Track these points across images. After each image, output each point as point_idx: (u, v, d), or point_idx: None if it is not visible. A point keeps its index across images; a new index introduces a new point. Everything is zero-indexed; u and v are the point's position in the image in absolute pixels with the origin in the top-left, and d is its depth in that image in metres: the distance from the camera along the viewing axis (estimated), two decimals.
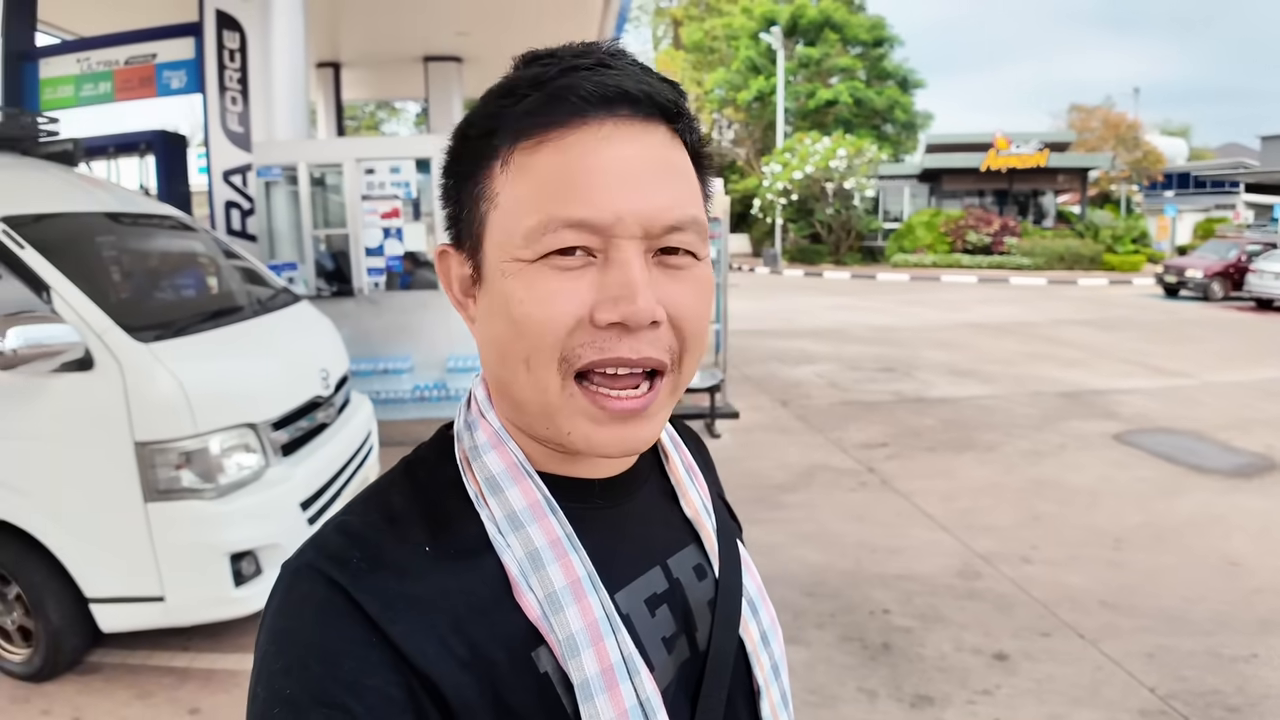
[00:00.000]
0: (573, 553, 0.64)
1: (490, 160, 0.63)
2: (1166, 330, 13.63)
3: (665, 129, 0.63)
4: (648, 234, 0.59)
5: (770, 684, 0.77)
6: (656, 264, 0.61)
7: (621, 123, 0.60)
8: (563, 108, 0.59)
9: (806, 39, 35.32)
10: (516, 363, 0.62)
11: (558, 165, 0.59)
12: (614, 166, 0.59)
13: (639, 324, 0.58)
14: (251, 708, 0.57)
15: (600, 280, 0.59)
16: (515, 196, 0.61)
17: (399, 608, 0.59)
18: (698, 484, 0.81)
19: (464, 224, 0.66)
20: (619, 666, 0.62)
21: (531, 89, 0.60)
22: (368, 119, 40.48)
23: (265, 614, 0.61)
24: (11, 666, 3.37)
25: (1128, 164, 32.57)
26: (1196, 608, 3.94)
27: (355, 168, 6.20)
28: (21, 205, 3.42)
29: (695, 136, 0.66)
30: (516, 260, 0.60)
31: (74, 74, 7.37)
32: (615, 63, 0.62)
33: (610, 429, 0.62)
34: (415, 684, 0.57)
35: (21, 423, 3.14)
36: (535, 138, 0.60)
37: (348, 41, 12.51)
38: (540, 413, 0.63)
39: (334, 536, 0.63)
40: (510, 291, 0.61)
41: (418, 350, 6.52)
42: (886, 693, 3.29)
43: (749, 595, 0.78)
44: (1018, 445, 6.72)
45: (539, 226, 0.59)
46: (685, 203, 0.62)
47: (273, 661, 0.58)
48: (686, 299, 0.62)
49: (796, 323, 14.61)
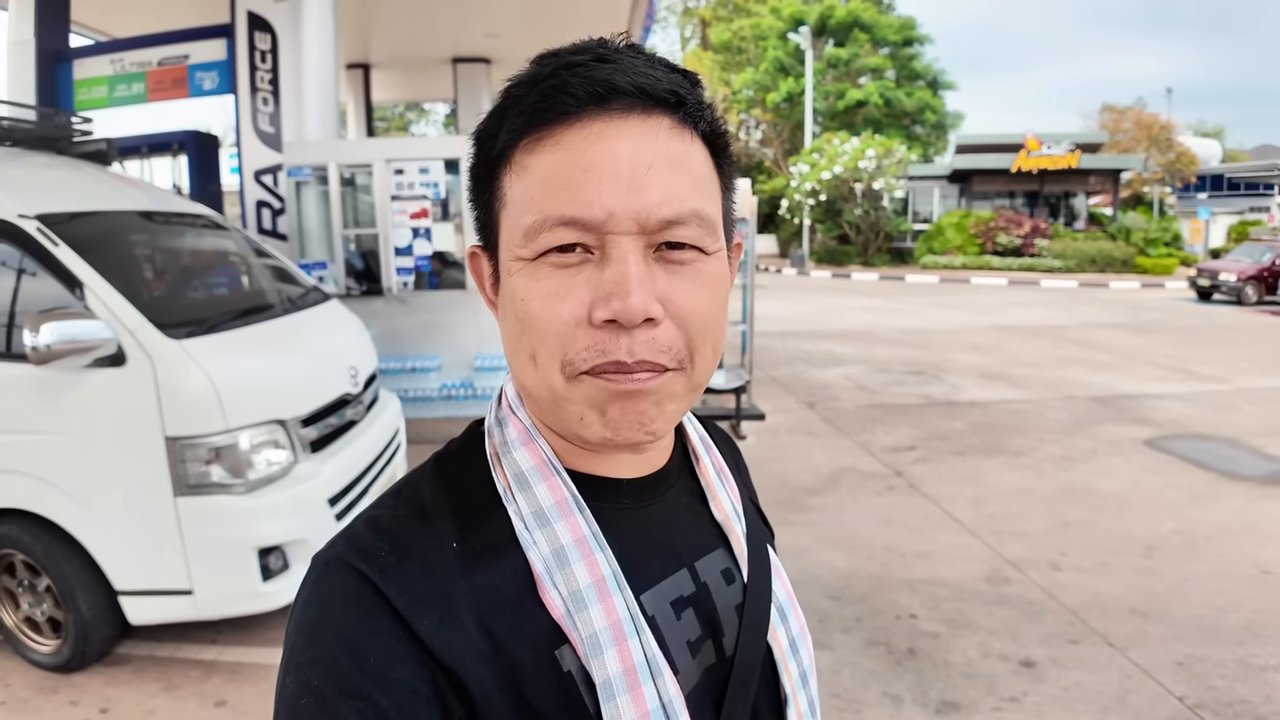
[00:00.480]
0: (598, 551, 0.64)
1: (500, 164, 0.64)
2: (1200, 334, 13.43)
3: (669, 120, 0.62)
4: (643, 229, 0.59)
5: (798, 692, 0.76)
6: (659, 260, 0.61)
7: (615, 117, 0.60)
8: (555, 106, 0.60)
9: (835, 39, 35.16)
10: (525, 358, 0.62)
11: (552, 164, 0.60)
12: (605, 163, 0.59)
13: (631, 321, 0.58)
14: (280, 698, 0.58)
15: (596, 277, 0.59)
16: (518, 196, 0.62)
17: (426, 602, 0.59)
18: (728, 487, 0.80)
19: (486, 225, 0.68)
20: (642, 667, 0.61)
21: (528, 89, 0.61)
22: (397, 120, 40.76)
23: (295, 605, 0.62)
24: (41, 657, 3.42)
25: (1160, 165, 32.11)
26: (1228, 616, 3.88)
27: (385, 168, 6.24)
28: (56, 203, 3.48)
29: (708, 125, 0.65)
30: (519, 259, 0.62)
31: (107, 75, 7.49)
32: (613, 57, 0.61)
33: (619, 404, 0.61)
34: (440, 678, 0.57)
35: (54, 417, 3.19)
36: (531, 137, 0.61)
37: (377, 43, 12.59)
38: (551, 404, 0.63)
39: (364, 530, 0.64)
40: (514, 289, 0.62)
41: (446, 349, 6.55)
42: (912, 698, 3.26)
43: (778, 601, 0.77)
44: (1048, 450, 6.64)
45: (535, 225, 0.60)
46: (683, 196, 0.60)
47: (301, 653, 0.58)
48: (689, 294, 0.61)
49: (824, 324, 14.54)
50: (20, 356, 3.05)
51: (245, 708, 3.15)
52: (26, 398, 3.19)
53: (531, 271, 0.61)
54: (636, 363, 0.59)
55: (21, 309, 3.20)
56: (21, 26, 7.15)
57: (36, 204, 3.36)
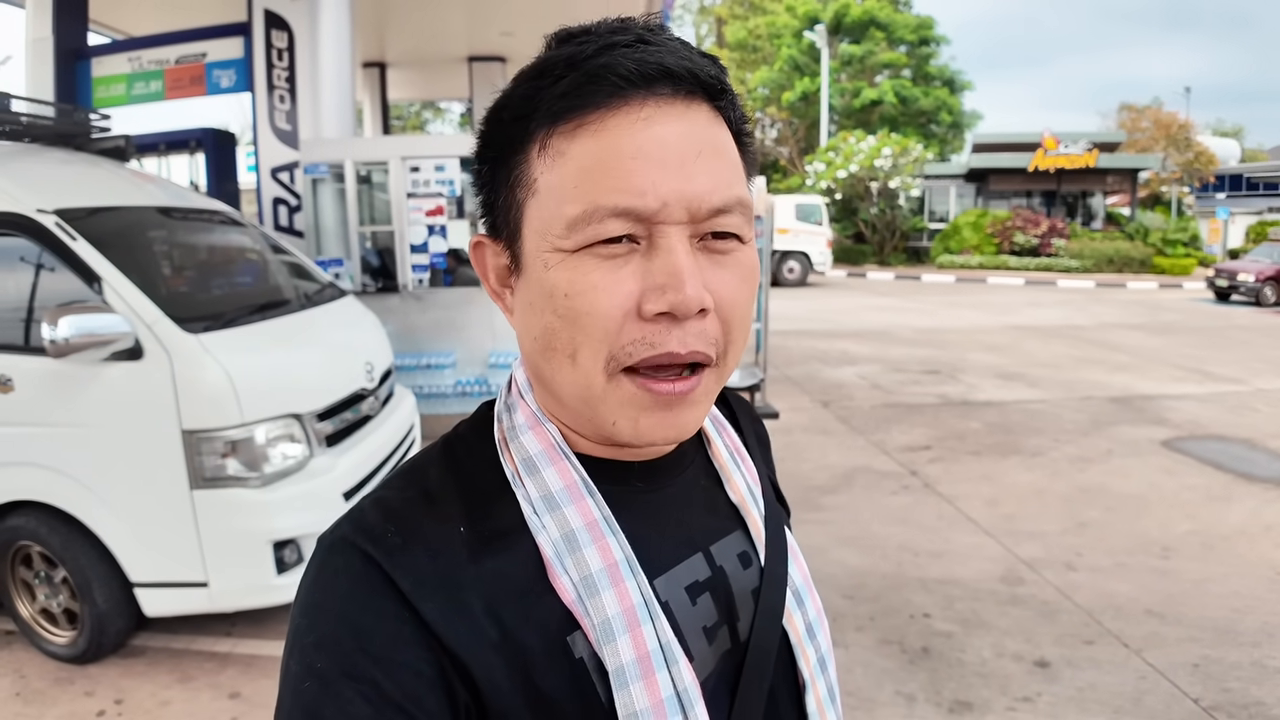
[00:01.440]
0: (610, 536, 0.63)
1: (526, 145, 0.61)
2: (1218, 335, 13.32)
3: (708, 107, 0.60)
4: (693, 218, 0.58)
5: (816, 678, 0.75)
6: (701, 249, 0.59)
7: (663, 102, 0.58)
8: (601, 88, 0.57)
9: (851, 37, 35.03)
10: (561, 357, 0.60)
11: (598, 150, 0.57)
12: (656, 150, 0.57)
13: (687, 313, 0.57)
14: (284, 680, 0.57)
15: (645, 268, 0.58)
16: (554, 183, 0.59)
17: (432, 585, 0.58)
18: (744, 468, 0.79)
19: (500, 212, 0.64)
20: (656, 654, 0.60)
21: (567, 69, 0.58)
22: (412, 119, 40.85)
23: (300, 587, 0.61)
24: (56, 649, 3.45)
25: (1179, 165, 31.86)
26: (1244, 618, 3.85)
27: (401, 166, 6.25)
28: (75, 199, 3.51)
29: (737, 113, 0.64)
30: (558, 250, 0.59)
31: (125, 73, 7.53)
32: (655, 38, 0.60)
33: (657, 414, 0.60)
34: (446, 663, 0.57)
35: (72, 410, 3.22)
36: (573, 121, 0.58)
37: (393, 41, 12.62)
38: (582, 405, 0.62)
39: (371, 512, 0.63)
40: (554, 283, 0.59)
41: (460, 346, 6.56)
42: (925, 697, 3.25)
43: (795, 585, 0.75)
44: (1065, 451, 6.60)
45: (583, 216, 0.57)
46: (730, 183, 0.60)
47: (305, 634, 0.58)
48: (731, 285, 0.61)
49: (839, 323, 14.48)
50: (39, 350, 3.08)
51: (259, 700, 3.17)
52: (44, 391, 3.22)
53: (575, 264, 0.58)
54: (689, 353, 0.58)
55: (40, 303, 3.23)
56: (39, 25, 7.19)
57: (55, 199, 3.39)
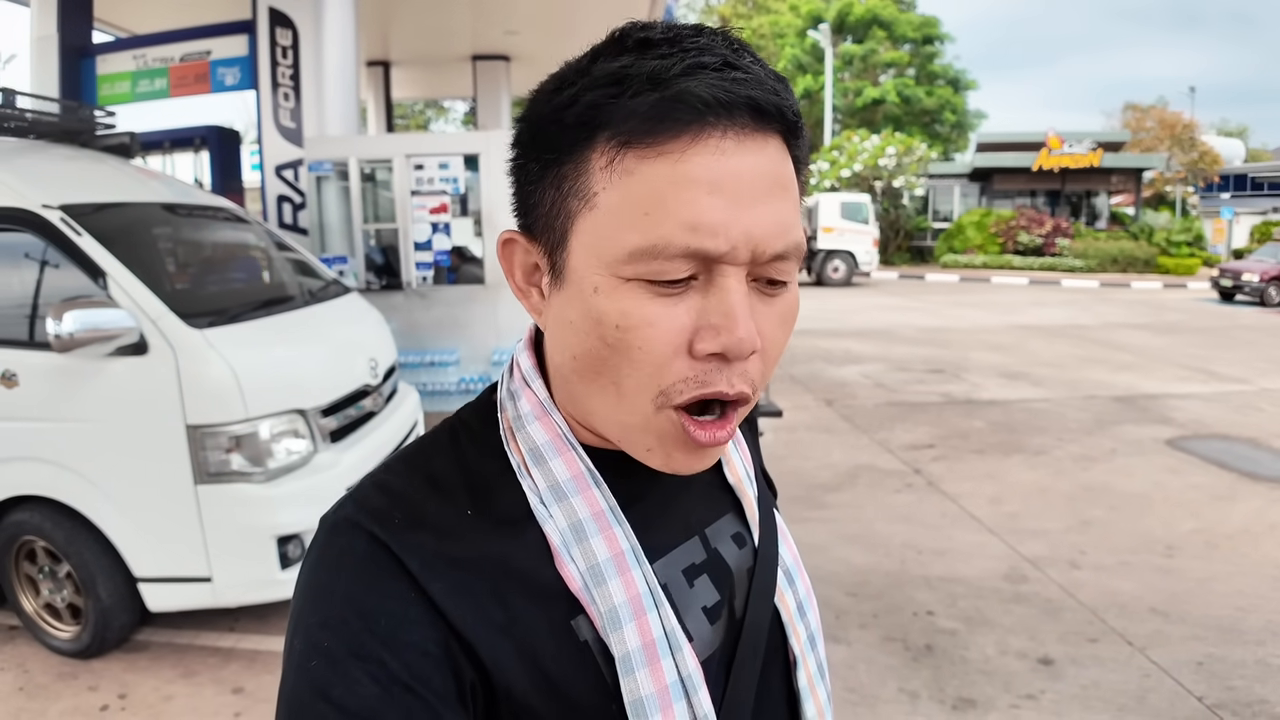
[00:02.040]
0: (616, 526, 0.63)
1: (587, 153, 0.56)
2: (1222, 335, 13.30)
3: (779, 141, 0.58)
4: (755, 260, 0.56)
5: (807, 654, 0.77)
6: (754, 290, 0.58)
7: (743, 135, 0.55)
8: (683, 114, 0.53)
9: (854, 36, 35.04)
10: (606, 383, 0.59)
11: (673, 178, 0.54)
12: (730, 185, 0.54)
13: (740, 355, 0.56)
14: (288, 659, 0.57)
15: (701, 305, 0.56)
16: (618, 203, 0.55)
17: (439, 567, 0.59)
18: (741, 451, 0.80)
19: (544, 214, 0.61)
20: (661, 641, 0.61)
21: (651, 86, 0.54)
22: (416, 117, 40.88)
23: (303, 567, 0.61)
24: (60, 643, 3.46)
25: (1183, 165, 31.80)
26: (1248, 617, 3.84)
27: (405, 163, 6.26)
28: (80, 195, 3.51)
29: (805, 151, 0.61)
30: (614, 276, 0.56)
31: (130, 70, 7.55)
32: (740, 62, 0.56)
33: (693, 455, 0.61)
34: (453, 643, 0.57)
35: (76, 405, 3.23)
36: (647, 144, 0.54)
37: (397, 40, 12.64)
38: (619, 429, 0.62)
39: (374, 494, 0.63)
40: (604, 311, 0.57)
41: (464, 344, 6.57)
42: (928, 694, 3.25)
43: (785, 565, 0.77)
44: (1068, 449, 6.59)
45: (650, 250, 0.54)
46: (790, 227, 0.57)
47: (310, 614, 0.58)
48: (775, 325, 0.60)
49: (843, 322, 14.48)
50: (44, 345, 3.08)
51: (262, 695, 3.18)
52: (49, 386, 3.22)
53: (629, 294, 0.56)
54: (736, 393, 0.58)
55: (45, 299, 3.23)
56: (44, 22, 7.22)
57: (60, 195, 3.39)
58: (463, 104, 33.10)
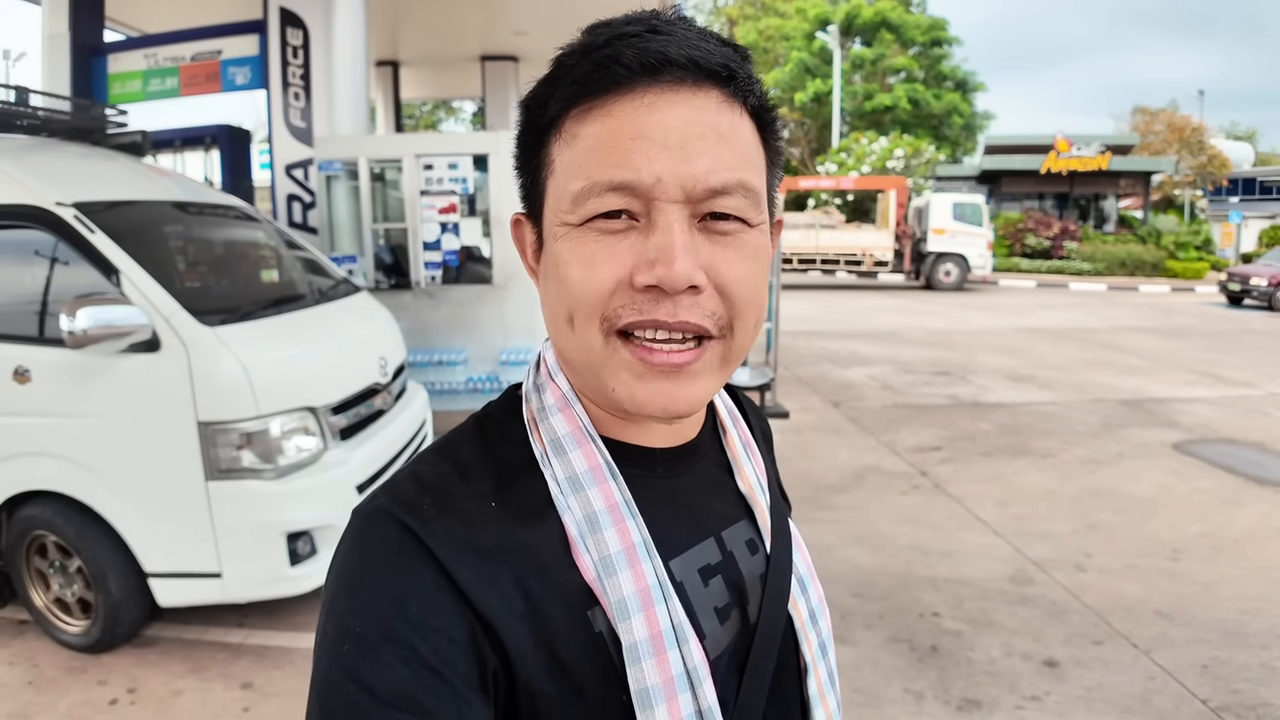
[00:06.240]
0: (630, 519, 0.65)
1: (546, 129, 0.65)
2: (1229, 339, 13.25)
3: (719, 93, 0.62)
4: (689, 198, 0.60)
5: (818, 661, 0.78)
6: (702, 229, 0.62)
7: (667, 89, 0.60)
8: (607, 75, 0.60)
9: (863, 39, 35.01)
10: (563, 322, 0.64)
11: (602, 132, 0.60)
12: (657, 132, 0.59)
13: (674, 287, 0.59)
14: (321, 645, 0.59)
15: (640, 244, 0.60)
16: (567, 163, 0.63)
17: (465, 555, 0.60)
18: (754, 460, 0.82)
19: (530, 192, 0.69)
20: (668, 633, 0.63)
21: (580, 58, 0.62)
22: (425, 118, 40.92)
23: (336, 555, 0.63)
24: (70, 638, 3.48)
25: (1192, 168, 31.72)
26: (1253, 620, 3.84)
27: (414, 163, 6.27)
28: (92, 193, 3.54)
29: (756, 99, 0.65)
30: (565, 224, 0.63)
31: (141, 69, 7.57)
32: (666, 28, 0.62)
33: (653, 384, 0.62)
34: (478, 629, 0.59)
35: (89, 401, 3.25)
36: (583, 106, 0.62)
37: (407, 40, 12.65)
38: (587, 369, 0.65)
39: (406, 484, 0.65)
40: (558, 254, 0.63)
41: (472, 343, 6.58)
42: (933, 695, 3.25)
43: (798, 573, 0.78)
44: (1075, 452, 6.59)
45: (584, 191, 0.61)
46: (730, 166, 0.61)
47: (343, 601, 0.60)
48: (733, 264, 0.62)
49: (850, 324, 14.48)
50: (57, 341, 3.11)
51: (271, 690, 3.19)
52: (62, 381, 3.25)
53: (577, 237, 0.62)
54: (677, 322, 0.60)
55: (58, 296, 3.25)
56: (56, 21, 7.25)
57: (73, 193, 3.42)
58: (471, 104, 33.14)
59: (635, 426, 0.71)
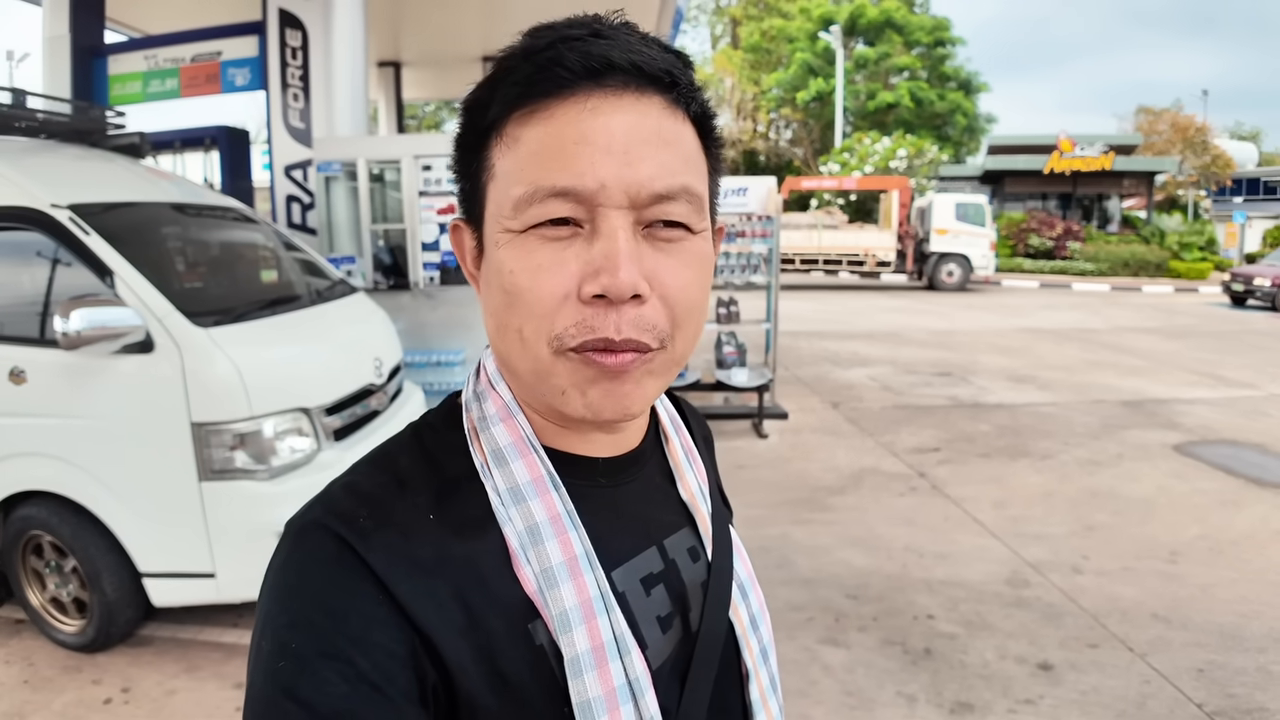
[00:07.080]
0: (572, 530, 0.64)
1: (487, 133, 0.63)
2: (1233, 340, 13.22)
3: (661, 99, 0.62)
4: (634, 203, 0.59)
5: (759, 667, 0.78)
6: (646, 237, 0.61)
7: (610, 94, 0.60)
8: (549, 79, 0.59)
9: (866, 39, 35.00)
10: (511, 333, 0.62)
11: (544, 136, 0.59)
12: (598, 137, 0.58)
13: (620, 296, 0.58)
14: (255, 661, 0.58)
15: (586, 252, 0.59)
16: (508, 167, 0.61)
17: (403, 568, 0.59)
18: (695, 468, 0.82)
19: (470, 197, 0.67)
20: (610, 645, 0.62)
21: (522, 61, 0.61)
22: (428, 118, 40.94)
23: (270, 570, 0.62)
24: (65, 637, 3.49)
25: (1196, 168, 31.66)
26: (1251, 623, 3.83)
27: (413, 164, 6.27)
28: (88, 194, 3.55)
29: (698, 106, 0.65)
30: (507, 230, 0.61)
31: (141, 70, 7.59)
32: (609, 33, 0.61)
33: (604, 385, 0.62)
34: (417, 643, 0.58)
35: (83, 402, 3.26)
36: (525, 109, 0.61)
37: (408, 41, 12.67)
38: (534, 379, 0.63)
39: (342, 495, 0.64)
40: (502, 262, 0.62)
41: (470, 344, 6.58)
42: (926, 698, 3.25)
43: (739, 580, 0.78)
44: (1074, 454, 6.58)
45: (526, 197, 0.59)
46: (674, 172, 0.61)
47: (278, 616, 0.58)
48: (676, 273, 0.62)
49: (850, 325, 14.47)
50: (52, 342, 3.12)
51: None
52: (57, 382, 3.26)
53: (520, 244, 0.60)
54: (624, 340, 0.59)
55: (54, 297, 3.26)
56: (56, 22, 7.26)
57: (69, 194, 3.42)
58: None
59: (577, 436, 0.70)
